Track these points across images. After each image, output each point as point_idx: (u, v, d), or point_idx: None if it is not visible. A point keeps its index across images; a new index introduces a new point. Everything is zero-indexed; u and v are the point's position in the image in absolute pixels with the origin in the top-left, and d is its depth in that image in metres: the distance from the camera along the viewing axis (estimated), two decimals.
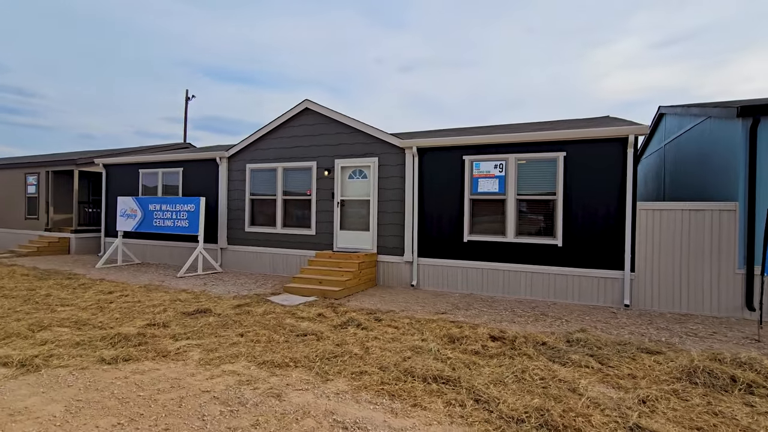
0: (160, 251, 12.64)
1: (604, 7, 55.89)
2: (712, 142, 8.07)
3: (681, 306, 7.22)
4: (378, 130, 9.57)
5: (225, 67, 75.14)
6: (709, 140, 8.24)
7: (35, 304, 6.62)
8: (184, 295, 7.55)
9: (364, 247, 9.67)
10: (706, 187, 8.24)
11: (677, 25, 55.92)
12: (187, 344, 4.73)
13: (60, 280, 8.89)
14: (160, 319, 5.72)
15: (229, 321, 5.78)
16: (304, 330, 5.45)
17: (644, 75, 62.15)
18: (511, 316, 6.65)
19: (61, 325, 5.51)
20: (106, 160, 13.72)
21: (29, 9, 58.50)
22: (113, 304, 6.71)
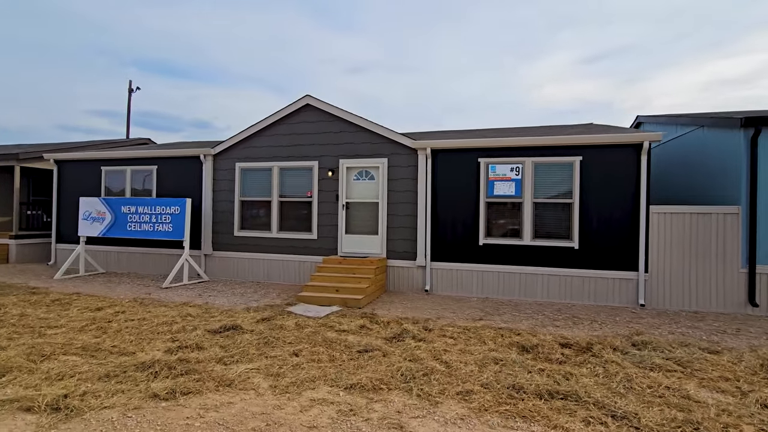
0: (130, 259, 11.27)
1: (536, 23, 60.12)
2: (707, 150, 8.68)
3: (690, 304, 7.64)
4: (388, 129, 9.21)
5: (157, 59, 69.80)
6: (703, 147, 8.85)
7: (13, 327, 5.48)
8: (189, 309, 6.69)
9: (372, 252, 9.25)
10: (697, 190, 8.84)
11: (602, 43, 61.20)
12: (245, 369, 4.09)
13: (22, 295, 7.53)
14: (188, 340, 4.96)
15: (268, 338, 5.14)
16: (356, 344, 4.98)
17: (573, 88, 67.40)
18: (546, 320, 6.62)
19: (67, 352, 4.57)
20: (60, 155, 12.00)
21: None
22: (113, 323, 5.74)
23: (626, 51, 59.22)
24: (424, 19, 65.14)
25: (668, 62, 58.89)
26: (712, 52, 53.81)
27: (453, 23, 66.24)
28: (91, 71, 67.15)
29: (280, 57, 77.32)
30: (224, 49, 74.83)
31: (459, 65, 74.27)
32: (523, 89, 77.19)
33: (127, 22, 59.03)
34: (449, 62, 73.29)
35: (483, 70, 75.81)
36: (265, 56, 75.66)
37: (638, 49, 58.65)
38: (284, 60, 78.04)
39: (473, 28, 64.90)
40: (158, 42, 68.75)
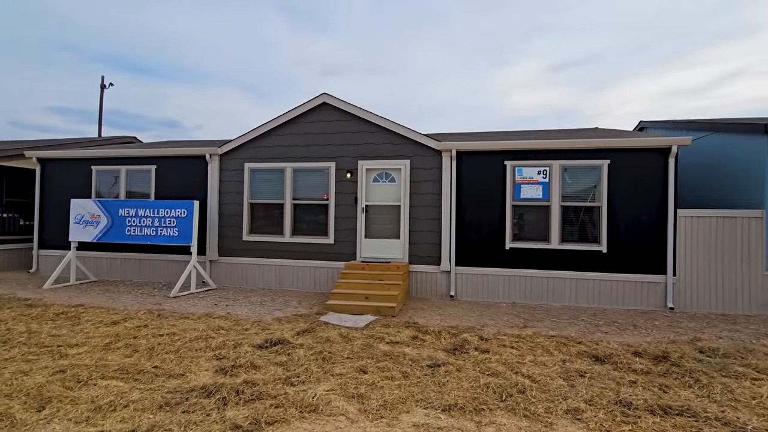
0: (124, 266, 10.45)
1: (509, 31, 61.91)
2: (725, 154, 8.86)
3: (717, 307, 7.74)
4: (411, 130, 8.92)
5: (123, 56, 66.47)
6: (720, 152, 9.04)
7: (25, 347, 4.82)
8: (217, 321, 6.15)
9: (394, 257, 8.92)
10: (715, 194, 9.02)
11: (570, 51, 63.46)
12: (322, 391, 3.69)
13: (17, 308, 6.74)
14: (238, 358, 4.48)
15: (323, 353, 4.73)
16: (420, 358, 4.66)
17: (541, 94, 69.61)
18: (590, 326, 6.50)
19: (104, 376, 4.01)
20: (44, 153, 11.03)
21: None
22: (140, 340, 5.17)
23: (591, 60, 61.61)
24: (401, 22, 65.36)
25: (629, 72, 61.61)
26: (669, 63, 56.63)
27: (429, 27, 66.86)
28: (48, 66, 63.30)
29: (254, 57, 75.36)
30: (194, 46, 72.31)
31: (434, 69, 74.95)
32: (496, 94, 78.84)
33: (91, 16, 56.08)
34: (425, 66, 73.81)
35: (458, 75, 76.83)
36: (238, 56, 73.53)
37: (602, 58, 61.21)
38: (258, 60, 76.11)
39: (449, 33, 65.77)
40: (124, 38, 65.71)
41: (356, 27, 71.03)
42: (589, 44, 60.23)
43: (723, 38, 52.13)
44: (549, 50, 63.67)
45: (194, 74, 76.08)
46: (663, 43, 56.23)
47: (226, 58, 73.84)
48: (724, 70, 52.87)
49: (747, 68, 50.87)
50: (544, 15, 58.97)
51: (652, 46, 57.61)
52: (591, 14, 55.40)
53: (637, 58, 60.81)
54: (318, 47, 72.41)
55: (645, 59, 59.86)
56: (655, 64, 58.26)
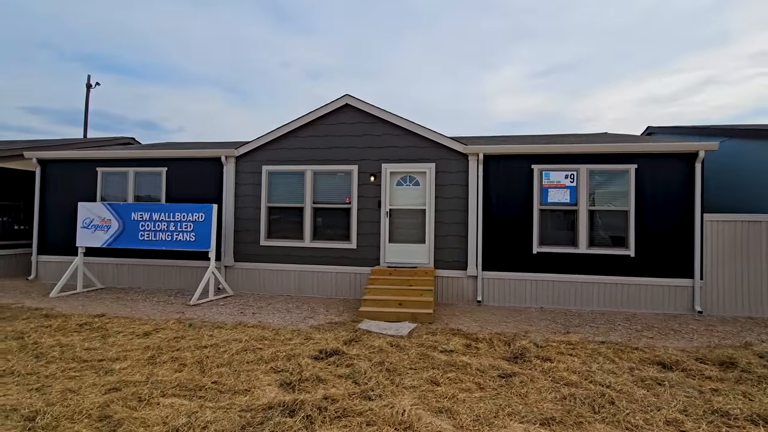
0: (132, 272, 9.99)
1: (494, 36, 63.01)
2: (744, 159, 9.03)
3: (743, 310, 7.84)
4: (437, 133, 8.81)
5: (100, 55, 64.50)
6: (738, 158, 9.21)
7: (62, 362, 4.46)
8: (255, 331, 5.87)
9: (419, 262, 8.77)
10: (735, 198, 9.18)
11: (555, 57, 64.86)
12: (409, 406, 3.49)
13: (34, 319, 6.31)
14: (303, 371, 4.24)
15: (384, 363, 4.54)
16: (484, 367, 4.51)
17: (526, 99, 70.93)
18: (631, 331, 6.47)
19: (165, 393, 3.73)
20: (45, 153, 10.49)
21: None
22: (184, 352, 4.86)
23: (574, 66, 63.13)
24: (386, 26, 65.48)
25: (611, 79, 63.33)
26: (648, 71, 58.43)
27: (415, 31, 67.27)
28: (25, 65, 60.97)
29: (237, 58, 73.95)
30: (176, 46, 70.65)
31: (420, 73, 75.33)
32: (481, 98, 79.79)
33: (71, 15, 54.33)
34: (410, 70, 74.10)
35: (444, 79, 77.42)
36: (221, 56, 72.03)
37: (585, 65, 62.81)
38: (241, 61, 74.72)
39: (435, 37, 66.32)
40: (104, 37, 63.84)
41: (341, 29, 70.80)
42: (572, 51, 61.69)
43: (698, 47, 54.16)
44: (533, 56, 64.91)
45: (175, 75, 74.23)
46: (643, 51, 58.02)
47: (208, 59, 72.32)
48: (697, 78, 54.91)
49: (717, 77, 53.02)
50: (528, 21, 60.07)
51: (633, 53, 59.40)
52: (574, 21, 56.81)
53: (618, 65, 62.59)
54: (303, 49, 71.63)
55: (626, 66, 61.66)
56: (635, 71, 60.03)
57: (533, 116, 72.11)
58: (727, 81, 51.96)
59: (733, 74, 51.00)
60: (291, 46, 69.49)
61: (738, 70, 50.28)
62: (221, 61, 72.30)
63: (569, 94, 69.05)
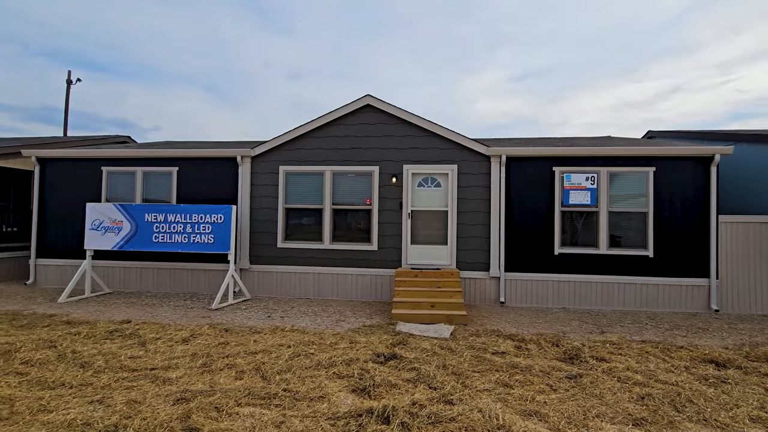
0: (141, 276, 9.61)
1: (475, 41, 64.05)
2: (750, 163, 9.39)
3: (756, 308, 8.13)
4: (459, 135, 8.82)
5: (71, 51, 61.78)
6: (743, 162, 9.56)
7: (111, 372, 4.22)
8: (297, 336, 5.71)
9: (441, 263, 8.75)
10: (742, 199, 9.53)
11: (532, 62, 66.33)
12: (499, 411, 3.45)
13: (57, 327, 5.96)
14: (374, 376, 4.13)
15: (446, 366, 4.48)
16: (545, 369, 4.52)
17: (505, 103, 72.23)
18: (662, 330, 6.62)
19: (239, 403, 3.56)
20: (45, 152, 9.98)
21: None
22: (236, 359, 4.68)
23: (551, 71, 64.75)
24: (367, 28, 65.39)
25: (586, 84, 65.18)
26: (621, 77, 60.39)
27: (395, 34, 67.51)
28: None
29: (217, 56, 72.07)
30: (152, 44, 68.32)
31: (400, 76, 75.52)
32: (461, 101, 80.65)
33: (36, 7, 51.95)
34: (391, 72, 74.16)
35: (424, 82, 77.84)
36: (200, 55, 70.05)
37: (561, 70, 64.56)
38: (221, 60, 72.87)
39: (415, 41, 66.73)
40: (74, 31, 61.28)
41: (322, 30, 70.16)
42: (548, 56, 63.22)
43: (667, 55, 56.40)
44: (511, 60, 66.11)
45: (150, 73, 71.71)
46: (616, 58, 59.91)
47: (185, 58, 70.17)
48: (666, 85, 57.20)
49: (685, 84, 55.40)
50: (506, 26, 61.12)
51: (606, 60, 61.23)
52: (550, 28, 58.32)
53: (593, 70, 64.42)
54: (283, 49, 70.34)
55: (600, 72, 63.47)
56: (608, 78, 61.84)
57: (511, 119, 73.41)
58: (694, 89, 54.39)
59: (700, 82, 53.39)
60: (271, 45, 68.27)
61: (705, 78, 52.69)
62: (199, 60, 70.36)
63: (546, 98, 70.52)
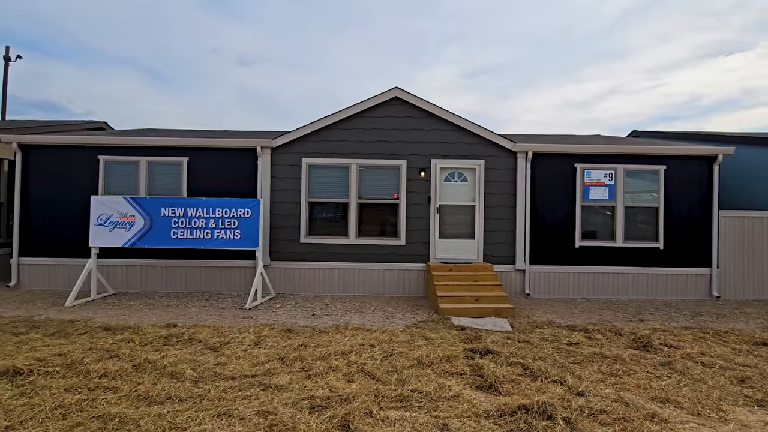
0: (147, 275, 8.87)
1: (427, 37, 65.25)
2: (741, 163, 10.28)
3: (749, 294, 9.01)
4: (487, 130, 8.93)
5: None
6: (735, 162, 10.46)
7: (210, 382, 3.86)
8: (367, 334, 5.55)
9: (468, 257, 8.87)
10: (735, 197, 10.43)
11: (481, 60, 68.62)
12: (645, 402, 3.57)
13: (99, 335, 5.36)
14: (493, 372, 4.10)
15: (544, 359, 4.57)
16: (636, 357, 4.75)
17: (458, 99, 74.28)
18: (691, 317, 7.17)
19: (381, 407, 3.41)
20: (29, 137, 8.87)
21: None
22: (329, 361, 4.46)
23: (499, 69, 67.42)
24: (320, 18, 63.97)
25: (532, 83, 68.56)
26: (564, 77, 64.13)
27: (350, 26, 66.93)
28: None
29: (158, 38, 66.30)
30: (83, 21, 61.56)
31: (355, 68, 74.91)
32: None
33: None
34: (345, 65, 73.31)
35: (379, 76, 77.74)
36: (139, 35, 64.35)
37: (509, 69, 67.50)
38: (163, 42, 67.34)
39: (370, 34, 66.60)
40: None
41: (275, 19, 67.40)
42: (497, 54, 65.73)
43: (605, 59, 60.71)
44: (462, 57, 67.77)
45: (82, 54, 64.82)
46: (559, 59, 63.40)
47: (123, 37, 64.04)
48: (604, 86, 61.73)
49: (620, 87, 60.13)
50: (459, 24, 62.51)
51: (550, 60, 64.60)
52: (500, 27, 60.58)
53: (538, 70, 67.64)
54: (234, 35, 66.27)
55: (544, 72, 66.78)
56: (552, 77, 65.20)
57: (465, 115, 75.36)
58: (627, 91, 59.16)
59: (633, 85, 58.15)
60: (220, 30, 64.11)
61: (637, 82, 57.49)
62: (139, 41, 64.59)
63: (495, 96, 72.88)
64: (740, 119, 54.35)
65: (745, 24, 50.37)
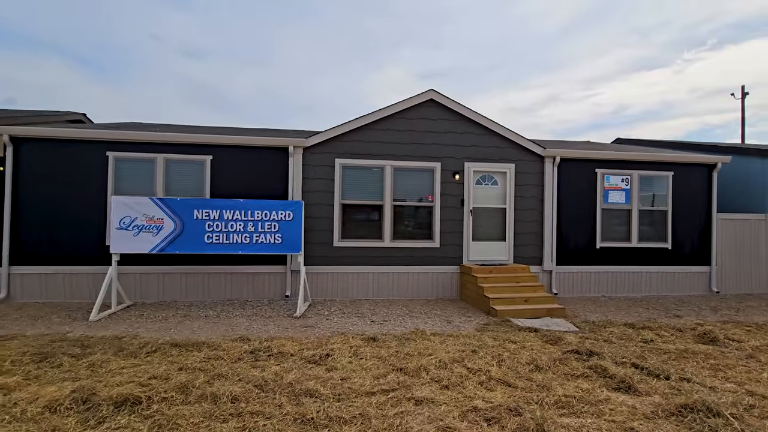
0: (167, 283, 8.13)
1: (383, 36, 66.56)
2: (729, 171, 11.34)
3: (741, 288, 9.99)
4: (518, 135, 9.14)
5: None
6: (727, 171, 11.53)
7: (358, 400, 3.61)
8: (455, 340, 5.47)
9: (500, 258, 9.05)
10: None
11: (432, 63, 70.98)
12: None
13: (175, 351, 4.81)
14: (626, 375, 4.20)
15: (645, 357, 4.77)
16: (715, 351, 5.09)
17: None
18: (713, 312, 7.81)
19: (561, 414, 3.38)
20: (21, 129, 7.79)
21: None
22: (450, 370, 4.35)
23: (451, 72, 70.07)
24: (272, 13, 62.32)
25: (481, 87, 71.88)
26: (511, 84, 68.06)
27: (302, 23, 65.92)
28: None
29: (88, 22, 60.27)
30: None
31: (306, 65, 73.98)
32: (369, 95, 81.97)
33: None
34: (296, 61, 72.09)
35: (331, 73, 77.30)
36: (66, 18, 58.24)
37: (460, 72, 70.40)
38: (95, 26, 61.40)
39: (323, 31, 66.02)
40: None
41: (224, 11, 64.67)
42: (449, 58, 68.25)
43: (545, 68, 65.21)
44: (415, 59, 69.61)
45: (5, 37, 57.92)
46: (506, 66, 67.06)
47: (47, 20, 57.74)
48: (544, 94, 66.33)
49: (559, 95, 65.04)
50: (412, 26, 64.03)
51: (499, 67, 68.19)
52: (452, 32, 62.91)
53: (488, 76, 71.11)
54: (178, 24, 62.00)
55: (494, 78, 70.32)
56: (501, 83, 68.72)
57: None
58: (566, 99, 64.14)
59: (570, 94, 63.17)
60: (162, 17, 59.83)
61: (573, 92, 62.55)
62: (66, 24, 58.28)
63: None
64: (660, 129, 60.69)
65: (665, 42, 56.25)
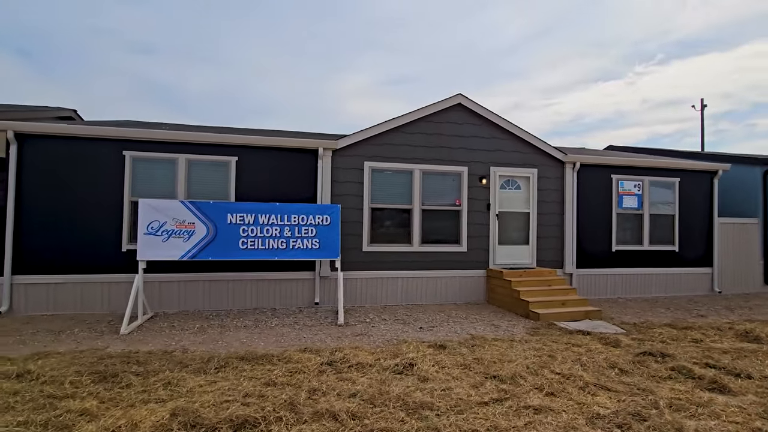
0: (189, 291, 7.64)
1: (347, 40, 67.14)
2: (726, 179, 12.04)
3: (737, 288, 10.62)
4: (541, 140, 9.31)
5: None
6: None
7: (489, 409, 3.48)
8: (518, 346, 5.44)
9: (524, 262, 9.16)
10: None
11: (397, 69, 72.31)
12: None
13: (264, 370, 4.47)
14: (717, 377, 4.31)
15: (710, 357, 4.93)
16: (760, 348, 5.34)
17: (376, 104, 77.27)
18: (728, 312, 8.23)
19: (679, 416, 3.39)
20: (29, 125, 7.09)
21: None
22: (532, 377, 4.30)
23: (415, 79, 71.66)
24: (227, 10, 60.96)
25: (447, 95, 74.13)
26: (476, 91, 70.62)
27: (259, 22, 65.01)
28: None
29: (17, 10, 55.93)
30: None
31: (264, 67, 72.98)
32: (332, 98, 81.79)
33: None
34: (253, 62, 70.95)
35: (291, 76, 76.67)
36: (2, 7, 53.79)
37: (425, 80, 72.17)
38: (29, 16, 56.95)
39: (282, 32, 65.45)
40: None
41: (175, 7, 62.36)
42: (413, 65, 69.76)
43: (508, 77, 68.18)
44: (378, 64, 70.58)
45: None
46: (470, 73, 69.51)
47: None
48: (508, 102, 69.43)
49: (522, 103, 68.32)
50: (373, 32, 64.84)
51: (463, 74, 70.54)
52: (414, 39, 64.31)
53: (451, 82, 73.32)
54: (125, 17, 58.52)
55: (458, 84, 72.59)
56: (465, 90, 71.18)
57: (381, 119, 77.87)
58: (528, 107, 67.49)
59: (532, 102, 66.53)
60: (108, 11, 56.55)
61: (535, 100, 65.92)
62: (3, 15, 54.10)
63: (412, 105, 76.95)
64: (614, 137, 64.55)
65: (618, 55, 59.97)
